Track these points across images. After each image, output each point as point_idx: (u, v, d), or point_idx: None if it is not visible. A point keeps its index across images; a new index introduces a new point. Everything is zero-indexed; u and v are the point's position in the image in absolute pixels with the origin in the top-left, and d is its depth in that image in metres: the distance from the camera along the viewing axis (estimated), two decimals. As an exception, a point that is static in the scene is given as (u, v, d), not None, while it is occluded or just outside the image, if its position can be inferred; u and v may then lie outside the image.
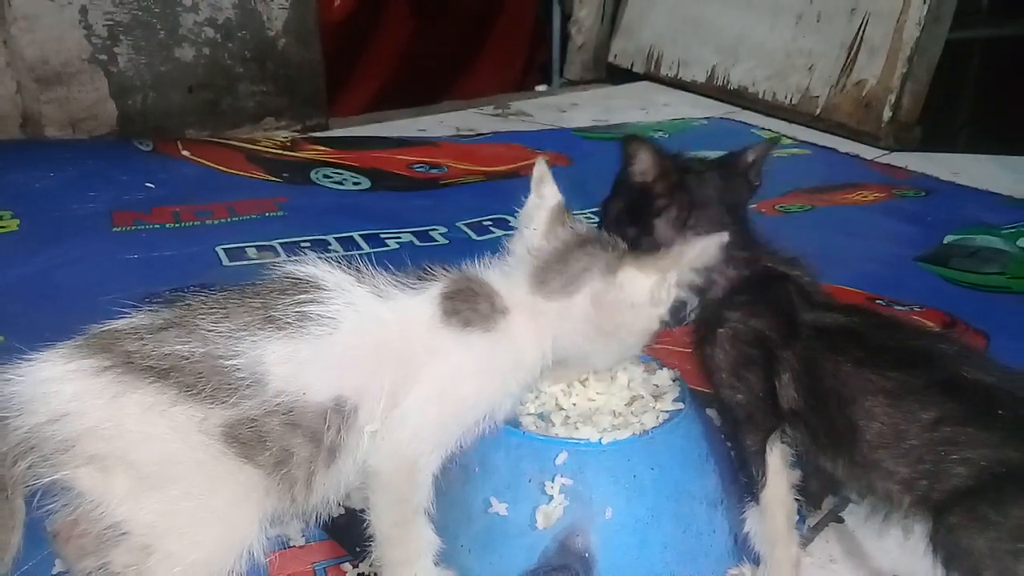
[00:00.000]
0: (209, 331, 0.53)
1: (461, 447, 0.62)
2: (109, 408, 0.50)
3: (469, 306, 0.60)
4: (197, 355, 0.52)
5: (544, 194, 0.65)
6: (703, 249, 0.60)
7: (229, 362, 0.52)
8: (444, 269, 0.62)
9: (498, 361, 0.60)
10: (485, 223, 1.39)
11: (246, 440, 0.52)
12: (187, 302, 0.55)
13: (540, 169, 0.66)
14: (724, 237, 0.60)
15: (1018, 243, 1.39)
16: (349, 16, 2.22)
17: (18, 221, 1.32)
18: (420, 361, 0.58)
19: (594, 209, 1.39)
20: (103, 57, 1.67)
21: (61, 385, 0.50)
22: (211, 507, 0.52)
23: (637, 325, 0.62)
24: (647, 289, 0.60)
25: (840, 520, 0.77)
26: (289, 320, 0.54)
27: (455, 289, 0.61)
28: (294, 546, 0.71)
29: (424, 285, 0.61)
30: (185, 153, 1.62)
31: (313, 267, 0.58)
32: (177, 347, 0.52)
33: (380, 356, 0.57)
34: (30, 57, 1.59)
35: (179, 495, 0.51)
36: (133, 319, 0.54)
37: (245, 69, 1.84)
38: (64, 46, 1.62)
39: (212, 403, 0.51)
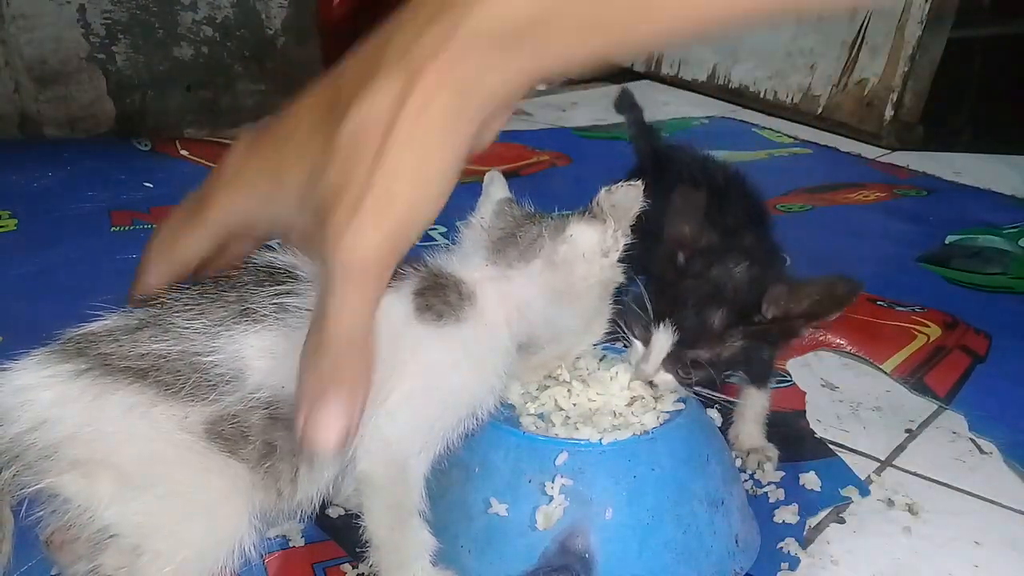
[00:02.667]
0: (184, 328, 0.52)
1: (449, 448, 0.61)
2: (88, 412, 0.49)
3: (440, 299, 0.60)
4: (174, 353, 0.51)
5: (491, 192, 0.67)
6: (624, 194, 0.61)
7: (207, 358, 0.51)
8: (412, 266, 0.62)
9: (475, 348, 0.60)
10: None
11: (229, 435, 0.52)
12: (160, 300, 0.55)
13: (491, 175, 0.68)
14: (639, 184, 0.61)
15: (1020, 243, 1.38)
16: (349, 15, 2.22)
17: (16, 221, 1.31)
18: (399, 359, 0.58)
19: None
20: (101, 56, 1.67)
21: (39, 392, 0.49)
22: (198, 504, 0.52)
23: (592, 278, 0.62)
24: (595, 239, 0.61)
25: (841, 520, 0.77)
26: (266, 313, 0.54)
27: (424, 285, 0.61)
28: (294, 546, 0.71)
29: (395, 283, 0.60)
30: (184, 152, 1.62)
31: (292, 256, 0.57)
32: (153, 346, 0.51)
33: None
34: (28, 56, 1.59)
35: (165, 494, 0.50)
36: (107, 321, 0.53)
37: (244, 68, 1.84)
38: (62, 45, 1.62)
39: (192, 400, 0.51)
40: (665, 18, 0.42)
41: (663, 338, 0.67)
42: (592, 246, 0.61)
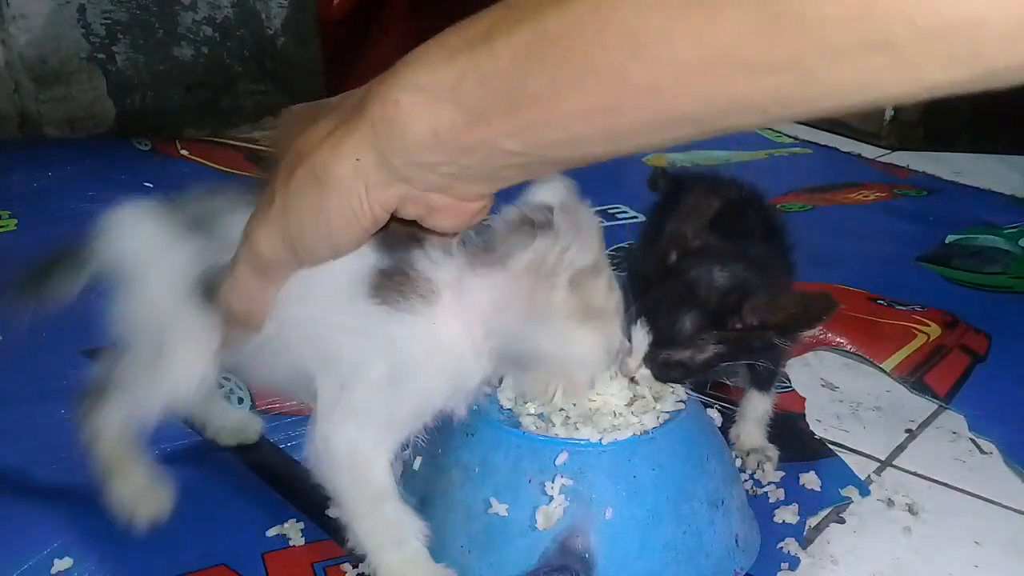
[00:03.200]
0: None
1: (411, 444, 0.61)
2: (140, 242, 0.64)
3: (394, 285, 0.58)
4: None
5: (535, 195, 0.63)
6: (577, 213, 0.59)
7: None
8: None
9: (413, 346, 0.58)
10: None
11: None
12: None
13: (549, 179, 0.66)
14: (566, 182, 0.59)
15: (1020, 243, 1.38)
16: (348, 15, 2.21)
17: (16, 220, 1.32)
18: (341, 328, 0.58)
19: (593, 209, 1.39)
20: (101, 56, 1.67)
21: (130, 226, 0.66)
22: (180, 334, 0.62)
23: (541, 295, 0.58)
24: (543, 254, 0.57)
25: (841, 521, 0.77)
26: None
27: (390, 268, 0.58)
28: (294, 545, 0.71)
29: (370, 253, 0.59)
30: (184, 152, 1.62)
31: None
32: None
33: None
34: (28, 56, 1.59)
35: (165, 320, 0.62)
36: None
37: (244, 68, 1.84)
38: (62, 45, 1.62)
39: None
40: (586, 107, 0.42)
41: (639, 337, 0.67)
42: (540, 260, 0.57)
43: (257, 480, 0.79)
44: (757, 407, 0.82)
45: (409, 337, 0.58)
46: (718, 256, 0.69)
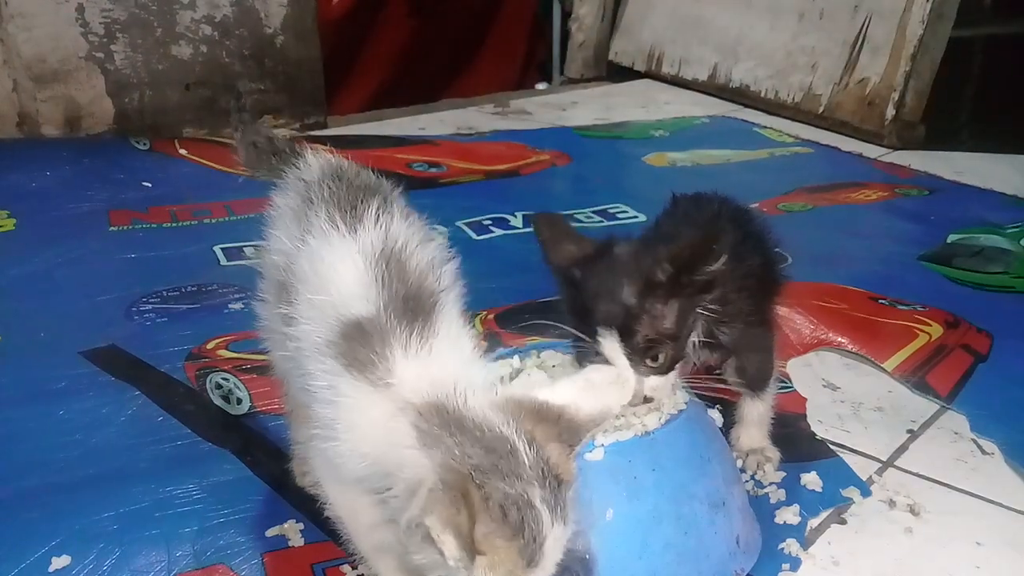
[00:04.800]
0: None
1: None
2: None
3: None
4: None
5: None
6: None
7: None
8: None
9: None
10: (485, 222, 1.39)
11: None
12: None
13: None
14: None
15: (1022, 242, 1.38)
16: (348, 14, 2.21)
17: (15, 220, 1.32)
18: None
19: (594, 208, 1.39)
20: (100, 55, 1.66)
21: None
22: None
23: None
24: None
25: (842, 521, 0.77)
26: None
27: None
28: (293, 546, 0.71)
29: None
30: (183, 152, 1.62)
31: None
32: None
33: None
34: (27, 55, 1.59)
35: None
36: None
37: (243, 67, 1.84)
38: (61, 44, 1.62)
39: None
40: None
41: (609, 341, 0.66)
42: None
43: (257, 480, 0.79)
44: (752, 410, 0.82)
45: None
46: (611, 245, 0.71)
